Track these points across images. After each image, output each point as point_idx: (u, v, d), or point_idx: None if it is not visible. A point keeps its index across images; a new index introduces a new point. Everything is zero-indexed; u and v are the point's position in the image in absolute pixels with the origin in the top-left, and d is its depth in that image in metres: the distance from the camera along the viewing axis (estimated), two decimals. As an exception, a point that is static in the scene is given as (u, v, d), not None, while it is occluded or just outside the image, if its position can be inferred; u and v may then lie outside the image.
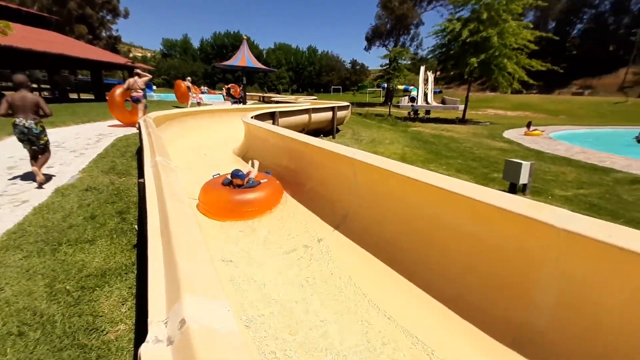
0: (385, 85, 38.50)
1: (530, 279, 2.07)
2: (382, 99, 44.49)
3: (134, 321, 2.31)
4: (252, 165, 4.89)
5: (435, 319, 2.29)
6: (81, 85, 26.49)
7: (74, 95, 23.62)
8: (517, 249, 2.15)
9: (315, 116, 12.43)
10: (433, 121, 22.77)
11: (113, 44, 51.20)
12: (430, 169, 2.92)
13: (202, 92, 22.94)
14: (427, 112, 26.57)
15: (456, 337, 2.13)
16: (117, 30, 55.63)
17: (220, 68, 41.55)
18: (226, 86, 27.11)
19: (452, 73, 24.58)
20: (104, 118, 12.27)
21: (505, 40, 19.03)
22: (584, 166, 9.00)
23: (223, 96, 26.79)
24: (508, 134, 16.02)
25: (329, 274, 2.87)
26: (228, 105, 19.40)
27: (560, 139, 14.30)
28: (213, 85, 61.07)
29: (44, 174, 4.94)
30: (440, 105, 29.35)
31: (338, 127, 14.44)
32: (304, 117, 11.90)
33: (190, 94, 17.63)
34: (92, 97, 23.78)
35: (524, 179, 6.12)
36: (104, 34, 50.66)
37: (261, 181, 4.34)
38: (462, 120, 23.16)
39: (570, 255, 1.87)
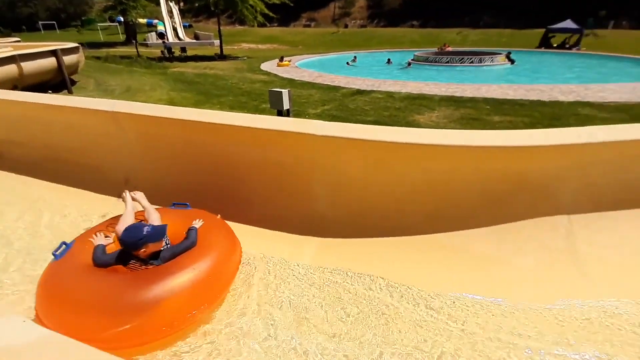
0: (122, 18, 31.85)
1: (310, 179, 2.64)
2: (122, 37, 36.88)
3: None
4: (135, 199, 2.34)
5: (254, 240, 2.57)
6: None
7: None
8: (295, 159, 2.63)
9: (30, 65, 9.02)
10: (192, 59, 21.51)
11: None
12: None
13: None
14: (183, 49, 24.63)
15: (271, 244, 2.51)
16: None
17: None
18: None
19: (197, 4, 23.19)
20: None
21: (241, -29, 19.39)
22: (322, 87, 11.37)
23: None
24: (265, 66, 17.53)
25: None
26: None
27: (303, 67, 17.08)
28: None
29: None
30: (195, 41, 27.78)
31: (71, 77, 11.21)
32: (11, 69, 8.41)
33: None
34: None
35: (286, 104, 7.14)
36: None
37: (194, 227, 2.07)
38: (222, 56, 23.11)
39: (329, 152, 2.49)
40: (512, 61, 15.92)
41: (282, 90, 6.95)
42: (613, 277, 2.05)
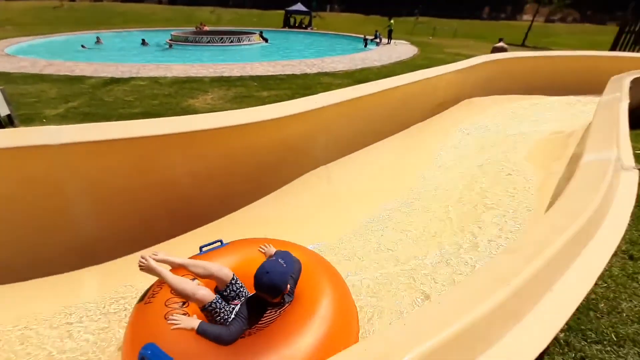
0: None
1: (66, 201, 2.07)
2: None
3: None
4: (161, 261, 1.56)
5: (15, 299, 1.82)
6: None
7: None
8: (28, 183, 1.96)
9: None
10: None
11: None
12: None
13: None
14: None
15: (36, 298, 1.87)
16: None
17: None
18: None
19: None
20: None
21: None
22: (59, 79, 8.85)
23: None
24: (-58, 55, 11.71)
25: None
26: None
27: (20, 54, 12.57)
28: None
29: None
30: None
31: None
32: None
33: None
34: None
35: (3, 109, 5.12)
36: None
37: (276, 251, 1.63)
38: None
39: (81, 162, 2.00)
40: (265, 40, 17.68)
41: (-13, 90, 4.93)
42: (357, 200, 2.80)
